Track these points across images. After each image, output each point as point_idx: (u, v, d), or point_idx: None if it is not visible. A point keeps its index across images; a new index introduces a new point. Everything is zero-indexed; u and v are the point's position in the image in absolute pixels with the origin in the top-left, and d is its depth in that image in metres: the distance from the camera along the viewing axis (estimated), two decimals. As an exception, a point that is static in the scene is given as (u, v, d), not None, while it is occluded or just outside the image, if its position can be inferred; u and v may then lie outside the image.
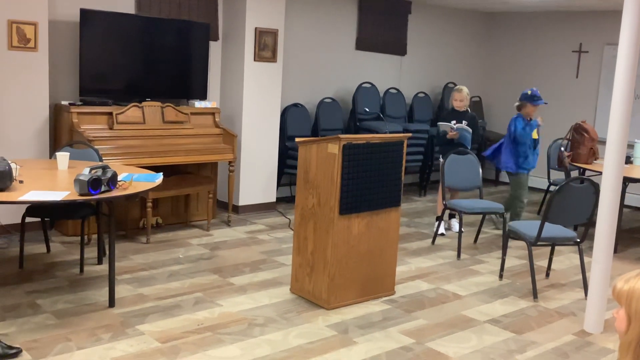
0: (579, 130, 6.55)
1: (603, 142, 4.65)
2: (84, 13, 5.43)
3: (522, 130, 6.02)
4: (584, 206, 4.75)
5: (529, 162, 6.12)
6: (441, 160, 6.31)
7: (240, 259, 5.17)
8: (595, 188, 4.66)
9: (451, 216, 6.48)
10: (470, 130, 6.20)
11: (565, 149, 6.61)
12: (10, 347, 3.34)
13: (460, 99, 6.30)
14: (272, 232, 6.00)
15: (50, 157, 5.23)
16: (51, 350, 3.40)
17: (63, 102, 5.48)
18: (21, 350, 3.36)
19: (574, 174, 6.67)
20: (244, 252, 5.38)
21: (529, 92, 6.03)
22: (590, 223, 4.76)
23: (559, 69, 8.80)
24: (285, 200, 7.13)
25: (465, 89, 6.39)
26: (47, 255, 4.96)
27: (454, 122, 6.20)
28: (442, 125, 6.24)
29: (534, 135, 6.09)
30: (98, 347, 3.48)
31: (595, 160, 6.52)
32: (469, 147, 6.17)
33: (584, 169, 6.50)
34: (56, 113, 5.52)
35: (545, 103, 6.19)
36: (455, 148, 6.03)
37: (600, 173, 4.71)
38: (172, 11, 6.12)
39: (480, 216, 6.06)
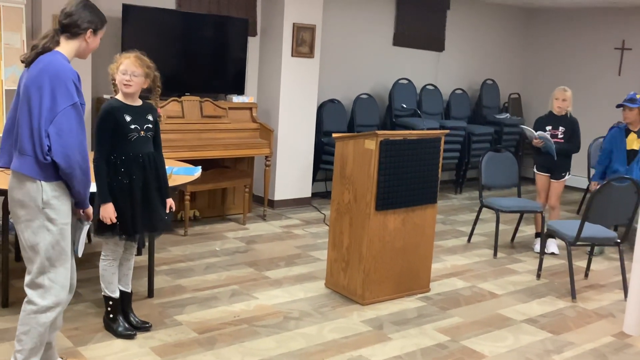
0: (620, 129, 6.42)
1: (646, 141, 4.60)
2: (126, 8, 5.53)
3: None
4: (625, 206, 4.66)
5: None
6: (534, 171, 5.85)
7: (275, 253, 5.21)
8: (637, 187, 4.58)
9: (549, 235, 5.22)
10: (553, 145, 5.48)
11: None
12: (145, 322, 3.67)
13: (564, 98, 5.54)
14: (307, 227, 6.03)
15: (91, 150, 5.32)
16: (91, 338, 3.49)
17: (105, 96, 5.58)
18: (150, 326, 3.65)
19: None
20: (279, 246, 5.42)
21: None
22: (632, 223, 4.68)
23: (600, 66, 8.62)
24: (320, 196, 7.15)
25: (569, 90, 5.64)
26: (88, 246, 5.04)
27: (549, 128, 5.60)
28: (526, 129, 5.73)
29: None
30: (137, 336, 3.56)
31: (638, 159, 6.37)
32: (555, 158, 5.56)
33: (626, 169, 6.36)
34: (98, 106, 5.60)
35: (619, 106, 5.87)
36: (544, 157, 5.61)
37: (643, 173, 4.65)
38: (211, 7, 6.19)
39: (518, 215, 5.99)
